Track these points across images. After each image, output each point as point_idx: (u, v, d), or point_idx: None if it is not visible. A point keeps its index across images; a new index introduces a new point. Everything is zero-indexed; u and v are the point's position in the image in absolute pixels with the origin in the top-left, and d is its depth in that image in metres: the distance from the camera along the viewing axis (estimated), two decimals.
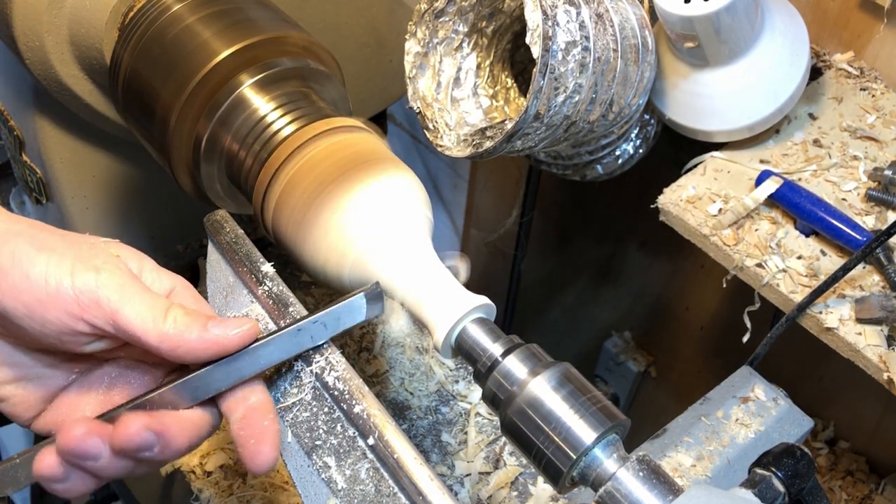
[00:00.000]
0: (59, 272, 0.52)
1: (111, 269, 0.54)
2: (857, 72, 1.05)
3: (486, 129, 0.90)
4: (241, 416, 0.57)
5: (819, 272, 0.88)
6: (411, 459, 0.54)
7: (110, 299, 0.53)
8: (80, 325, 0.53)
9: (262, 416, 0.57)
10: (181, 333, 0.54)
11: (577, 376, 0.56)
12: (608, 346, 1.75)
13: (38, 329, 0.53)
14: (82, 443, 0.51)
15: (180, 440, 0.54)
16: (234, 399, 0.57)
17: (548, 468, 0.54)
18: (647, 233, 1.55)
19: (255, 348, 0.57)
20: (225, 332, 0.55)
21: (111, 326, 0.53)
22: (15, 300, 0.52)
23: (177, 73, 0.75)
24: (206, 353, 0.55)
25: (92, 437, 0.51)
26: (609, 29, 0.87)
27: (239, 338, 0.56)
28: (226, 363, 0.56)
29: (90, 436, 0.51)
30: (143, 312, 0.53)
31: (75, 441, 0.51)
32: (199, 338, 0.54)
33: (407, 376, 1.00)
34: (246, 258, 0.65)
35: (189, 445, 0.55)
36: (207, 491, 0.92)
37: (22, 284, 0.52)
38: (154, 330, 0.53)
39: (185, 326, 0.54)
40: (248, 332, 0.56)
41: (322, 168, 0.68)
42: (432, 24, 0.91)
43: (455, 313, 0.60)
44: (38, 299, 0.52)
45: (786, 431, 0.88)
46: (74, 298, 0.52)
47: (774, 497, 0.53)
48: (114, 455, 0.52)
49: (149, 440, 0.52)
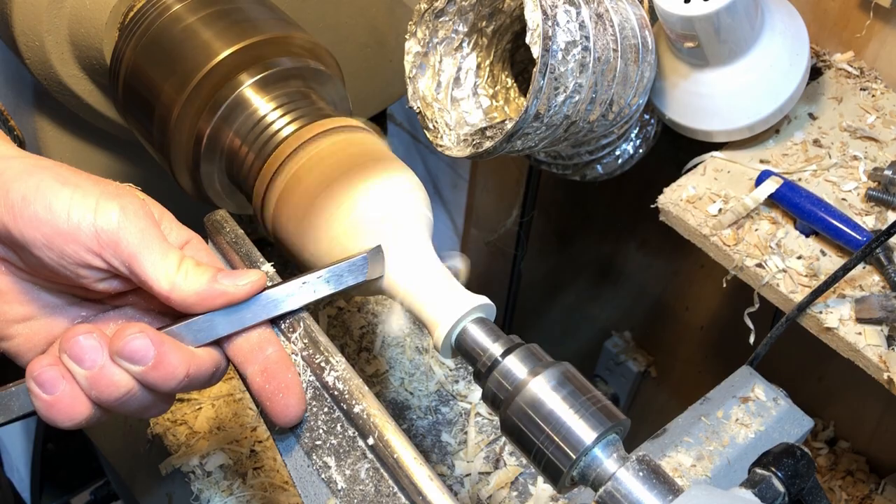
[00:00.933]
0: (82, 208, 0.53)
1: (134, 211, 0.55)
2: (857, 72, 1.05)
3: (486, 129, 0.90)
4: (262, 368, 0.58)
5: (819, 272, 0.88)
6: (411, 459, 0.54)
7: (129, 242, 0.54)
8: (96, 260, 0.54)
9: (285, 368, 0.58)
10: (192, 286, 0.55)
11: (577, 376, 0.56)
12: (608, 346, 1.75)
13: (56, 261, 0.53)
14: (82, 340, 0.52)
15: (175, 362, 0.54)
16: (250, 349, 0.58)
17: (548, 468, 0.54)
18: (647, 233, 1.55)
19: (259, 297, 0.58)
20: (234, 283, 0.56)
21: (126, 268, 0.54)
22: (35, 231, 0.52)
23: (177, 72, 0.76)
24: (215, 303, 0.56)
25: (91, 338, 0.52)
26: (609, 29, 0.87)
27: (248, 288, 0.57)
28: (230, 309, 0.57)
29: (90, 336, 0.52)
30: (157, 261, 0.54)
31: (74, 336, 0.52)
32: (208, 288, 0.55)
33: (407, 376, 1.00)
34: (246, 258, 0.65)
35: (187, 375, 0.55)
36: (207, 491, 0.92)
37: (44, 215, 0.52)
38: (165, 279, 0.54)
39: (196, 277, 0.55)
40: (256, 283, 0.57)
41: (322, 168, 0.68)
42: (432, 23, 0.91)
43: (455, 313, 0.60)
44: (59, 231, 0.52)
45: (786, 431, 0.88)
46: (94, 235, 0.53)
47: (774, 497, 0.53)
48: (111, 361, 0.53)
49: (144, 346, 0.52)
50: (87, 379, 0.53)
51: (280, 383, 0.57)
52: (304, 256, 0.68)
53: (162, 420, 0.98)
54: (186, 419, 0.98)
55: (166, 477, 0.94)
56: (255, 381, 0.58)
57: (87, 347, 0.52)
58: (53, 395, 0.53)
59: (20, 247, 0.53)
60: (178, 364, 0.54)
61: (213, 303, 0.56)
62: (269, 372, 0.58)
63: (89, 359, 0.52)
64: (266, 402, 0.57)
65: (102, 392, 0.53)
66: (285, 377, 0.58)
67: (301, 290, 0.60)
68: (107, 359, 0.53)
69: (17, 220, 0.52)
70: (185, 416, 0.98)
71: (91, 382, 0.53)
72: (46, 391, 0.53)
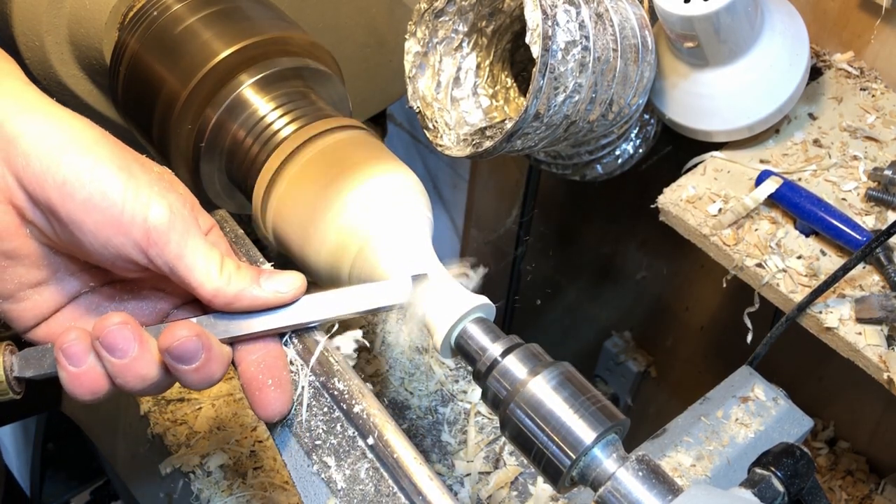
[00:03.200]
0: (137, 202, 0.52)
1: (180, 209, 0.55)
2: (857, 72, 1.05)
3: (486, 129, 0.90)
4: (259, 358, 0.58)
5: (819, 272, 0.88)
6: (411, 459, 0.54)
7: (178, 243, 0.54)
8: (140, 257, 0.54)
9: (281, 364, 0.58)
10: (237, 290, 0.55)
11: (576, 376, 0.56)
12: (608, 346, 1.75)
13: (99, 247, 0.53)
14: (117, 331, 0.52)
15: (217, 365, 0.55)
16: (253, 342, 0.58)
17: (547, 468, 0.54)
18: (647, 233, 1.55)
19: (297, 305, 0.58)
20: (278, 289, 0.57)
21: (168, 268, 0.54)
22: (85, 215, 0.52)
23: (177, 72, 0.76)
24: (258, 307, 0.56)
25: (126, 328, 0.52)
26: (609, 29, 0.87)
27: (291, 296, 0.57)
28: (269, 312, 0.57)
29: (125, 327, 0.52)
30: (200, 264, 0.54)
31: (109, 328, 0.52)
32: (252, 295, 0.56)
33: (407, 376, 1.00)
34: (246, 258, 0.65)
35: (221, 377, 0.56)
36: (207, 491, 0.92)
37: (99, 202, 0.52)
38: (209, 283, 0.54)
39: (239, 281, 0.55)
40: (299, 291, 0.58)
41: (321, 168, 0.68)
42: (432, 23, 0.91)
43: (454, 313, 0.60)
44: (111, 221, 0.52)
45: (786, 431, 0.88)
46: (145, 234, 0.53)
47: (774, 497, 0.53)
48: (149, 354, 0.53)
49: (195, 349, 0.53)
50: (116, 366, 0.53)
51: (274, 374, 0.57)
52: (304, 258, 0.68)
53: (162, 420, 0.98)
54: (186, 419, 0.98)
55: (166, 477, 0.94)
56: (248, 371, 0.58)
57: (120, 338, 0.52)
58: (79, 369, 0.53)
59: (63, 224, 0.53)
60: (217, 367, 0.55)
61: (255, 308, 0.56)
62: (266, 363, 0.58)
63: (121, 349, 0.52)
64: (255, 392, 0.57)
65: (128, 381, 0.53)
66: (280, 372, 0.58)
67: (337, 302, 0.59)
68: (138, 350, 0.53)
69: (68, 201, 0.51)
70: (185, 416, 0.98)
71: (119, 370, 0.53)
72: (73, 364, 0.53)
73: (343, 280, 0.66)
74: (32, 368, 0.56)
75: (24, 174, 0.51)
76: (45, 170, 0.51)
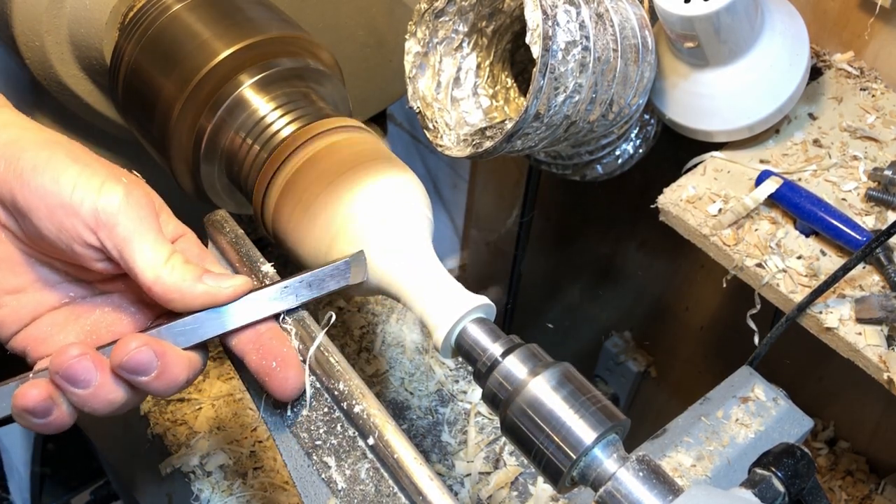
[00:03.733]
0: (87, 186, 0.54)
1: (137, 199, 0.55)
2: (857, 72, 1.05)
3: (486, 129, 0.90)
4: (257, 346, 0.58)
5: (819, 272, 0.88)
6: (411, 459, 0.54)
7: (126, 228, 0.54)
8: (91, 238, 0.54)
9: (280, 342, 0.59)
10: (176, 281, 0.55)
11: (576, 376, 0.56)
12: (608, 346, 1.75)
13: (54, 233, 0.54)
14: (76, 364, 0.52)
15: (178, 370, 0.55)
16: (248, 339, 0.59)
17: (548, 468, 0.54)
18: (647, 233, 1.55)
19: (243, 300, 0.58)
20: (218, 285, 0.57)
21: (117, 253, 0.55)
22: (39, 200, 0.53)
23: (177, 72, 0.76)
24: (195, 302, 0.57)
25: (86, 359, 0.52)
26: (609, 29, 0.87)
27: (230, 291, 0.57)
28: (214, 312, 0.58)
29: (84, 358, 0.52)
30: (147, 250, 0.55)
31: (68, 362, 0.52)
32: (191, 287, 0.56)
33: (407, 376, 1.00)
34: (246, 258, 0.65)
35: (186, 380, 0.56)
36: (207, 491, 0.92)
37: (50, 187, 0.53)
38: (151, 270, 0.55)
39: (181, 275, 0.56)
40: (240, 287, 0.58)
41: (322, 168, 0.68)
42: (432, 23, 0.91)
43: (455, 313, 0.60)
44: (61, 203, 0.53)
45: (786, 431, 0.88)
46: (94, 213, 0.54)
47: (774, 497, 0.53)
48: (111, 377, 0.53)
49: (148, 359, 0.53)
50: (81, 396, 0.53)
51: (276, 356, 0.58)
52: (304, 258, 0.68)
53: (162, 420, 0.98)
54: (186, 419, 0.98)
55: (166, 477, 0.94)
56: (252, 361, 0.58)
57: (82, 370, 0.52)
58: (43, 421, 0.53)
59: (23, 214, 0.54)
60: (178, 372, 0.55)
61: (193, 301, 0.56)
62: (264, 348, 0.58)
63: (83, 380, 0.53)
64: (265, 378, 0.58)
65: (97, 408, 0.54)
66: (280, 351, 0.58)
67: (282, 294, 0.60)
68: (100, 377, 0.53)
69: (24, 188, 0.53)
70: (185, 416, 0.98)
71: (84, 399, 0.53)
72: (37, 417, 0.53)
73: None
74: None
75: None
76: (6, 167, 0.54)
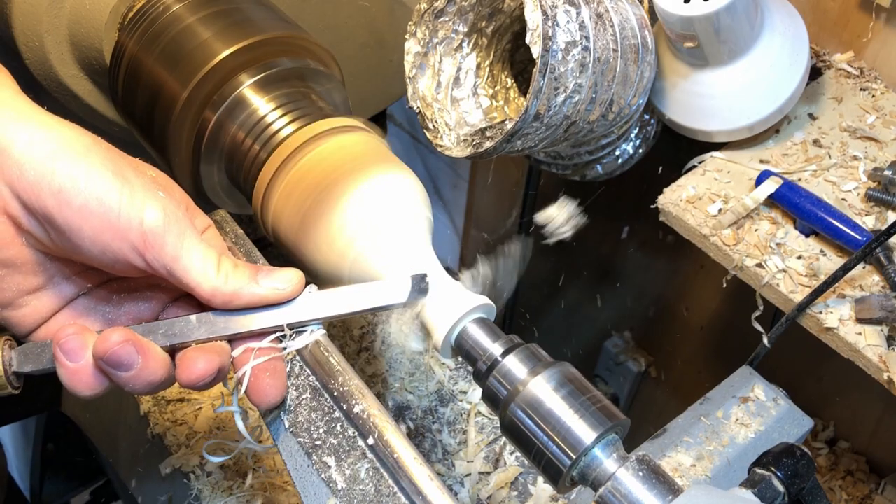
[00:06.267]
0: (132, 206, 0.53)
1: (174, 211, 0.55)
2: (857, 72, 1.05)
3: (486, 129, 0.90)
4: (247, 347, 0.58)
5: (819, 272, 0.88)
6: (411, 459, 0.54)
7: (174, 245, 0.54)
8: (138, 260, 0.54)
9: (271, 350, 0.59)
10: (234, 288, 0.55)
11: (576, 376, 0.56)
12: (608, 346, 1.75)
13: (98, 252, 0.53)
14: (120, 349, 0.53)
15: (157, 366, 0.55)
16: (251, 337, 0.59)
17: (548, 468, 0.54)
18: (647, 233, 1.55)
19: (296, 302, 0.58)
20: (275, 286, 0.57)
21: (165, 270, 0.54)
22: (83, 221, 0.52)
23: (177, 72, 0.76)
24: (255, 304, 0.57)
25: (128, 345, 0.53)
26: (609, 29, 0.87)
27: (289, 292, 0.57)
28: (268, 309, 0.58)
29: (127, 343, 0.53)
30: (197, 264, 0.55)
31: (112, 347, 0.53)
32: (250, 293, 0.56)
33: (407, 376, 1.00)
34: (246, 258, 0.65)
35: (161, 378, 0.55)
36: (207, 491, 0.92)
37: (95, 208, 0.52)
38: (207, 283, 0.55)
39: (237, 280, 0.56)
40: (297, 287, 0.58)
41: (322, 168, 0.68)
42: (432, 24, 0.91)
43: (455, 313, 0.60)
44: (108, 226, 0.52)
45: (786, 431, 0.88)
46: (142, 235, 0.53)
47: (774, 497, 0.53)
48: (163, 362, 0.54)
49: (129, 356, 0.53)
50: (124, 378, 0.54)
51: (269, 369, 0.58)
52: (304, 258, 0.68)
53: (162, 420, 0.98)
54: (186, 419, 0.98)
55: (166, 477, 0.94)
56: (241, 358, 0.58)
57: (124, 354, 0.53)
58: (77, 365, 0.53)
59: (60, 231, 0.53)
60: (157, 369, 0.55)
61: (250, 304, 0.57)
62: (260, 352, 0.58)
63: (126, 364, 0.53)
64: (251, 381, 0.58)
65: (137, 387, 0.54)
66: (276, 363, 0.58)
67: (337, 300, 0.59)
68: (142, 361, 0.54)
69: (65, 208, 0.52)
70: (185, 416, 0.98)
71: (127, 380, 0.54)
72: (71, 360, 0.53)
73: (343, 280, 0.66)
74: (31, 363, 0.56)
75: (19, 184, 0.52)
76: (39, 178, 0.51)
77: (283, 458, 0.60)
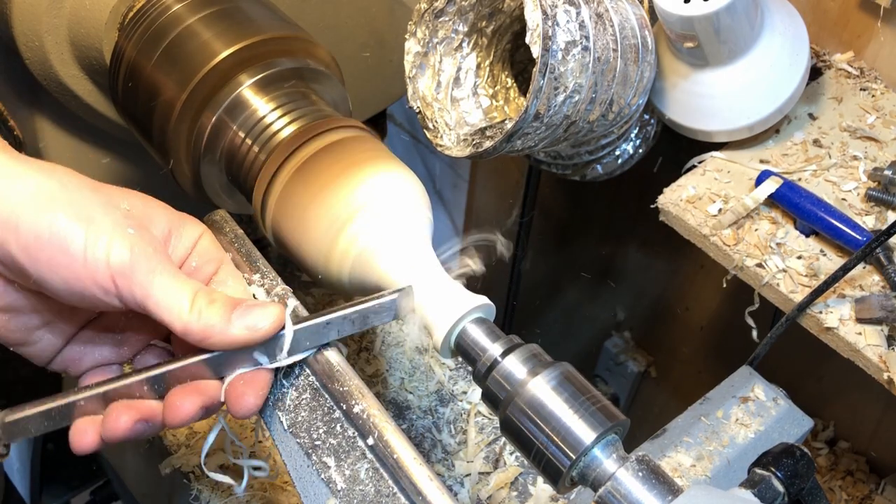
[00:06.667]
0: (97, 248, 0.52)
1: (143, 247, 0.54)
2: (857, 72, 1.05)
3: (486, 129, 0.90)
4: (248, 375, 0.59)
5: (819, 272, 0.88)
6: (411, 459, 0.54)
7: (142, 282, 0.53)
8: (113, 300, 0.54)
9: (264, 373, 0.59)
10: (205, 327, 0.54)
11: (576, 376, 0.56)
12: (608, 346, 1.75)
13: (76, 298, 0.54)
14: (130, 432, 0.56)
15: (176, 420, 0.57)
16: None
17: (547, 468, 0.54)
18: (647, 233, 1.55)
19: (278, 338, 0.57)
20: (253, 324, 0.55)
21: (139, 306, 0.54)
22: (53, 273, 0.52)
23: (177, 72, 0.76)
24: (233, 344, 0.56)
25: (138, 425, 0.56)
26: (609, 29, 0.87)
27: (265, 332, 0.56)
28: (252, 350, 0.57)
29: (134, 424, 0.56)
30: (168, 300, 0.54)
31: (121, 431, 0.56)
32: (221, 337, 0.55)
33: (407, 376, 1.00)
34: (246, 258, 0.65)
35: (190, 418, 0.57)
36: (207, 491, 0.92)
37: (61, 259, 0.52)
38: (178, 320, 0.54)
39: (209, 318, 0.54)
40: (274, 326, 0.56)
41: (322, 168, 0.68)
42: (432, 23, 0.91)
43: (454, 313, 0.60)
44: (76, 275, 0.52)
45: (786, 431, 0.88)
46: (110, 277, 0.53)
47: (774, 497, 0.53)
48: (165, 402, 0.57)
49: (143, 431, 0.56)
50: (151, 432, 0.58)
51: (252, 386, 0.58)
52: (304, 259, 0.68)
53: None
54: None
55: (166, 477, 0.94)
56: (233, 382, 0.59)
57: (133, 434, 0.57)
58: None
59: (37, 282, 0.53)
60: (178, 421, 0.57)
61: (229, 344, 0.55)
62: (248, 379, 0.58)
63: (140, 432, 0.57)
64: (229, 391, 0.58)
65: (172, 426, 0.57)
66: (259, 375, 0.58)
67: (324, 331, 0.59)
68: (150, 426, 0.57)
69: (35, 263, 0.52)
70: None
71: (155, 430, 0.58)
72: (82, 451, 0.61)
73: (342, 280, 0.66)
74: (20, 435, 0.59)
75: None
76: (6, 237, 0.52)
77: (282, 458, 0.60)
